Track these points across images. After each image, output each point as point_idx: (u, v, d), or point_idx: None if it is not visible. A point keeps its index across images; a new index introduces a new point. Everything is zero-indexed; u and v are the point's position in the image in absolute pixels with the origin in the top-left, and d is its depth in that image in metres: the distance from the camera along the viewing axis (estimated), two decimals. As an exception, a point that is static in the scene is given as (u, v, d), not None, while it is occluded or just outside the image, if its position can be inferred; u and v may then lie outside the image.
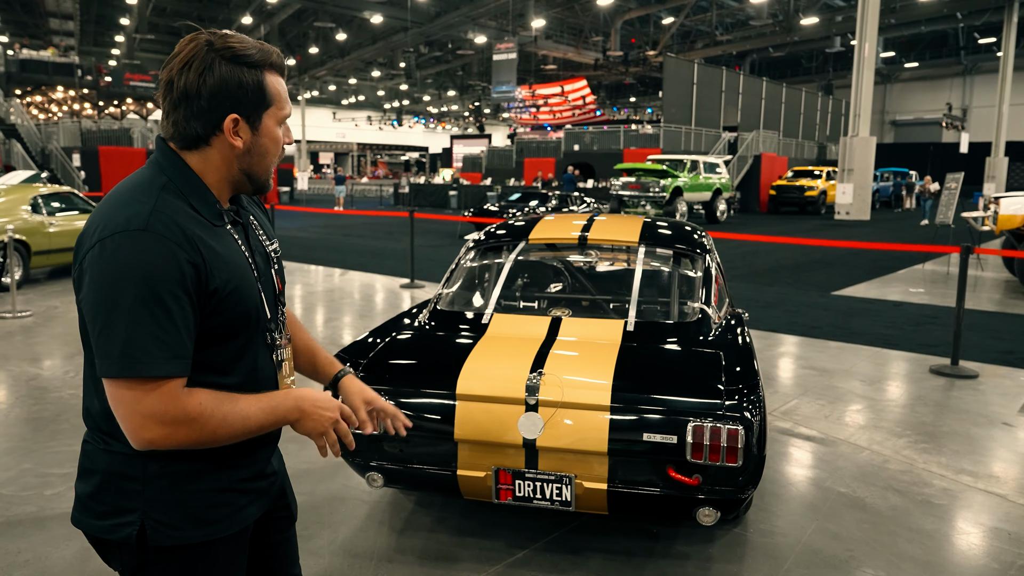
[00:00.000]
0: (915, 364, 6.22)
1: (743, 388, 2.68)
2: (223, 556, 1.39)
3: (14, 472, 3.84)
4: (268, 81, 1.34)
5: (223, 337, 1.32)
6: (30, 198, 9.48)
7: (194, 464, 1.33)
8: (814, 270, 12.01)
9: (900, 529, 3.33)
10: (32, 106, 39.28)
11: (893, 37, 40.25)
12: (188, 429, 1.22)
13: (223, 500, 1.37)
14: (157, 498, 1.31)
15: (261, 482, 1.46)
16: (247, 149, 1.35)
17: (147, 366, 1.18)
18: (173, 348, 1.20)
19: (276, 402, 1.34)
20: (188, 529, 1.33)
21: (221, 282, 1.28)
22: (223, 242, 1.33)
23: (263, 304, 1.40)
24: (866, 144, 22.65)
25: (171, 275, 1.20)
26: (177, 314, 1.21)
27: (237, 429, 1.28)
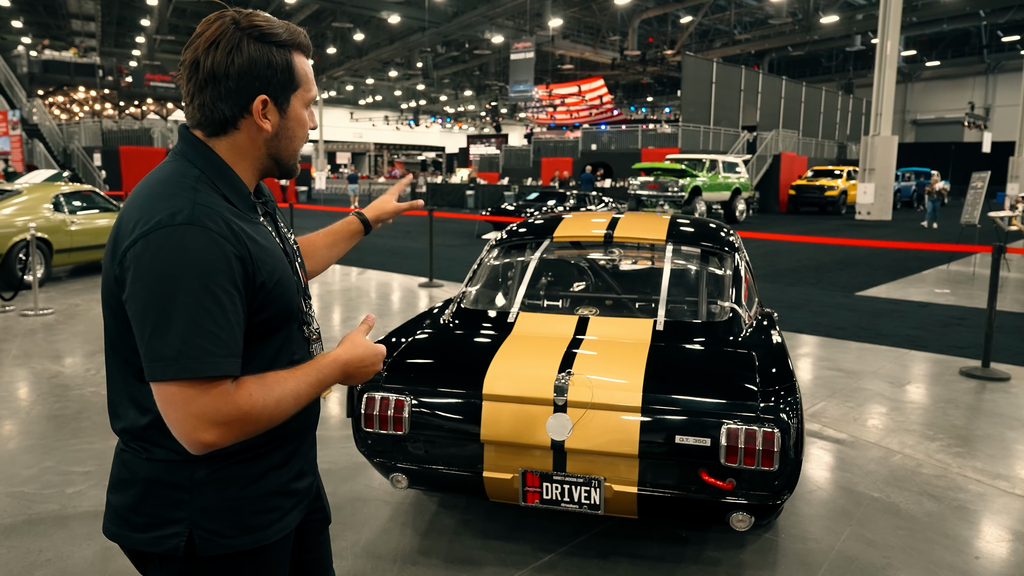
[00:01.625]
0: (944, 366, 6.09)
1: (779, 389, 2.61)
2: (270, 562, 1.35)
3: (36, 470, 3.83)
4: (296, 62, 1.30)
5: (269, 332, 1.29)
6: (52, 197, 9.53)
7: (240, 468, 1.28)
8: (837, 270, 11.85)
9: (937, 536, 3.24)
10: (54, 106, 39.67)
11: (914, 36, 39.76)
12: (243, 423, 1.16)
13: (272, 505, 1.33)
14: (206, 506, 1.25)
15: (302, 483, 1.42)
16: (276, 132, 1.31)
17: (207, 366, 1.12)
18: (229, 346, 1.15)
19: (324, 374, 1.28)
20: (239, 536, 1.28)
21: (267, 275, 1.24)
22: (262, 234, 1.29)
23: (299, 295, 1.36)
24: (887, 143, 22.38)
25: (221, 269, 1.15)
26: (230, 310, 1.16)
27: (291, 411, 1.23)
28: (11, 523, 3.25)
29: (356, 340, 1.34)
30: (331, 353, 1.32)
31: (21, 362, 5.87)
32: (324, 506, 1.58)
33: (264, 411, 1.18)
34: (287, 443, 1.35)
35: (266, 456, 1.32)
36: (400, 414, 2.76)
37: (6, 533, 3.16)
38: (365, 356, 1.32)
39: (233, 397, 1.15)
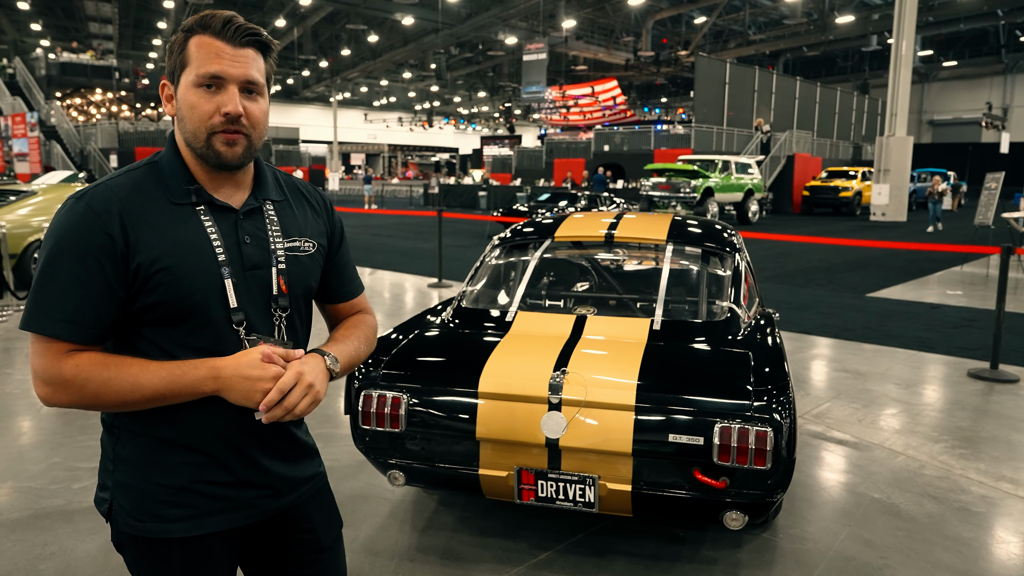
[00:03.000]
0: (953, 368, 6.05)
1: (772, 389, 2.61)
2: (179, 558, 1.34)
3: (43, 465, 3.89)
4: (191, 42, 1.29)
5: (165, 319, 1.29)
6: (67, 197, 9.65)
7: (155, 454, 1.32)
8: (848, 271, 11.78)
9: (936, 537, 3.22)
10: (72, 108, 40.13)
11: (931, 35, 39.45)
12: (65, 391, 1.23)
13: (183, 500, 1.33)
14: (121, 482, 1.34)
15: (238, 491, 1.38)
16: (177, 115, 1.32)
17: (38, 324, 1.22)
18: (66, 311, 1.22)
19: (183, 370, 1.24)
20: (145, 521, 1.32)
21: (148, 258, 1.25)
22: (174, 221, 1.29)
23: (224, 295, 1.31)
24: (903, 144, 22.21)
25: (81, 242, 1.22)
26: (83, 280, 1.22)
27: (126, 396, 1.23)
28: (18, 517, 3.31)
29: (244, 357, 1.27)
30: (212, 359, 1.27)
31: (33, 360, 5.95)
32: (315, 528, 1.51)
33: (88, 384, 1.23)
34: (210, 443, 1.33)
35: (185, 450, 1.33)
36: (397, 411, 2.78)
37: (12, 527, 3.22)
38: (245, 366, 1.25)
39: (60, 361, 1.23)
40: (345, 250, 1.59)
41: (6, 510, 3.39)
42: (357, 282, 1.64)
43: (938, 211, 19.50)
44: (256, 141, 1.33)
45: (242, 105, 1.28)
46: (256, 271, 1.35)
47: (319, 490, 1.54)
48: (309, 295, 1.48)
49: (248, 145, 1.32)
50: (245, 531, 1.44)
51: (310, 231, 1.46)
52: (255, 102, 1.31)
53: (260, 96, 1.33)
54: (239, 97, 1.28)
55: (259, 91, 1.32)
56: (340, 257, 1.57)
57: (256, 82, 1.31)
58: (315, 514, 1.52)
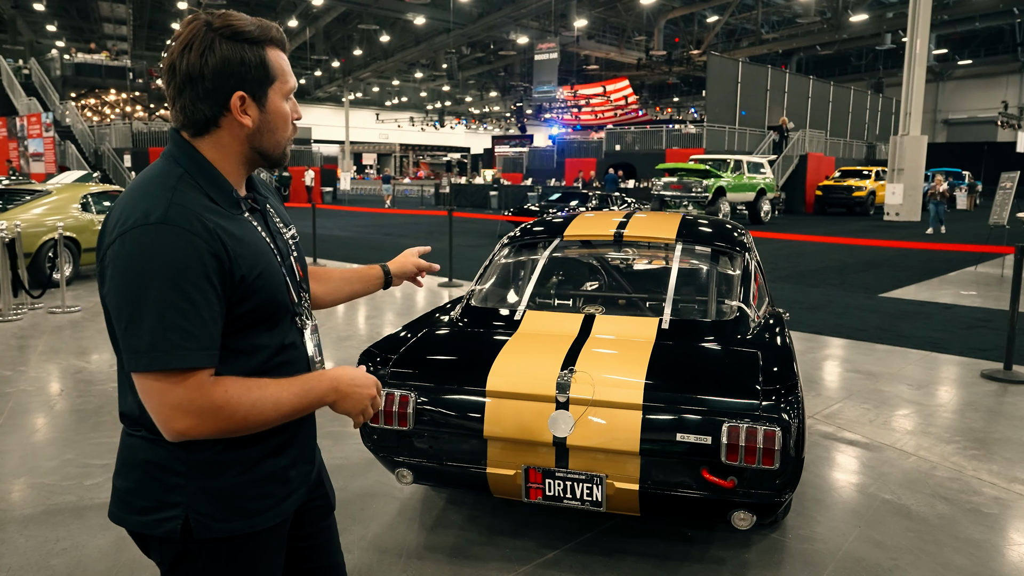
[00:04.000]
0: (966, 368, 6.00)
1: (781, 388, 2.60)
2: (265, 547, 1.38)
3: (56, 462, 3.92)
4: (270, 56, 1.32)
5: (254, 323, 1.32)
6: (80, 197, 9.73)
7: (235, 453, 1.32)
8: (861, 271, 11.71)
9: (947, 538, 3.20)
10: (86, 108, 40.44)
11: (946, 34, 39.16)
12: (216, 418, 1.21)
13: (266, 491, 1.36)
14: (200, 490, 1.29)
15: (299, 470, 1.45)
16: (257, 127, 1.34)
17: (175, 358, 1.17)
18: (200, 340, 1.19)
19: (309, 385, 1.32)
20: (232, 521, 1.32)
21: (247, 269, 1.28)
22: (243, 229, 1.32)
23: (288, 289, 1.40)
24: (917, 143, 22.05)
25: (193, 266, 1.19)
26: (202, 305, 1.19)
27: (269, 415, 1.26)
28: (31, 513, 3.34)
29: (349, 368, 1.39)
30: (328, 372, 1.38)
31: (48, 358, 6.01)
32: (327, 493, 1.61)
33: (239, 408, 1.23)
34: (281, 431, 1.37)
35: (260, 443, 1.34)
36: (405, 410, 2.79)
37: (25, 523, 3.25)
38: (358, 378, 1.37)
39: (208, 390, 1.21)
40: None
41: (19, 506, 3.42)
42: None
43: (940, 212, 18.48)
44: None
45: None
46: (286, 261, 1.43)
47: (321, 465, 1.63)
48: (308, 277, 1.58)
49: None
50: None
51: (285, 218, 1.54)
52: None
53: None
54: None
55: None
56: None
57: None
58: (325, 478, 1.62)
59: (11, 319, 7.38)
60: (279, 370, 1.35)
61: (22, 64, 31.03)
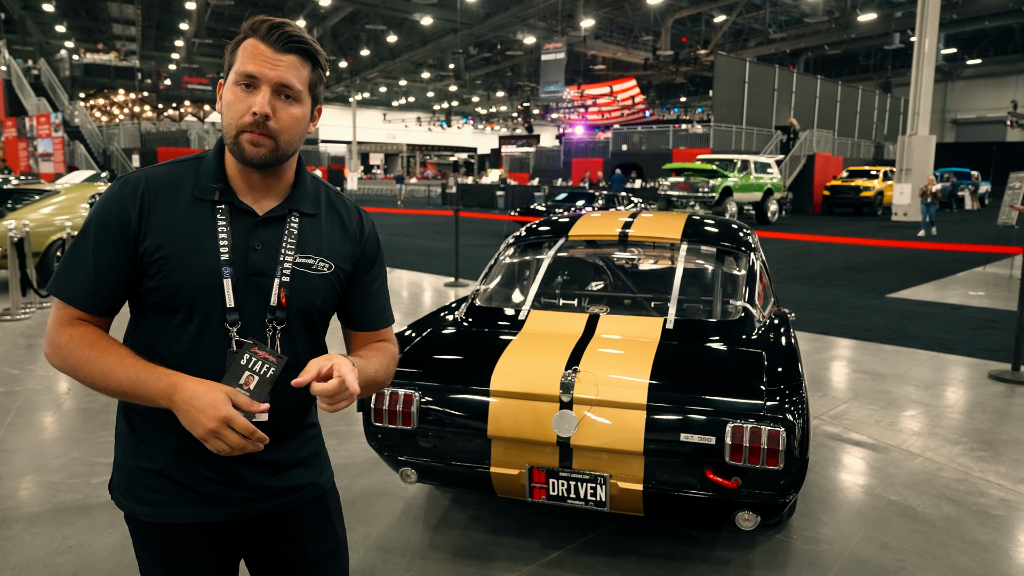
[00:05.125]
0: (974, 369, 5.97)
1: (785, 389, 2.59)
2: (156, 541, 1.37)
3: (63, 460, 3.94)
4: (242, 45, 1.32)
5: (162, 306, 1.33)
6: (88, 196, 9.77)
7: (139, 433, 1.38)
8: (869, 272, 11.67)
9: (953, 540, 3.19)
10: (95, 109, 40.63)
11: (955, 33, 38.95)
12: (56, 355, 1.30)
13: (155, 483, 1.37)
14: (117, 459, 1.39)
15: (213, 486, 1.38)
16: (222, 111, 1.35)
17: (57, 288, 1.32)
18: (78, 280, 1.31)
19: (148, 375, 1.25)
20: (128, 499, 1.38)
21: (152, 244, 1.31)
22: (189, 216, 1.33)
23: (221, 294, 1.31)
24: (925, 143, 21.97)
25: (106, 218, 1.31)
26: (94, 252, 1.30)
27: (96, 379, 1.27)
28: (38, 511, 3.36)
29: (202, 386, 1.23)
30: (179, 376, 1.26)
31: (55, 357, 6.04)
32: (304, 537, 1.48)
33: (71, 357, 1.29)
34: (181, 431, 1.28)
35: (164, 432, 1.35)
36: (409, 409, 2.80)
37: (32, 520, 3.26)
38: (197, 397, 1.21)
39: (62, 327, 1.31)
40: (376, 277, 1.54)
41: (26, 504, 3.44)
42: (387, 314, 1.58)
43: (932, 213, 17.84)
44: (284, 145, 1.32)
45: (272, 107, 1.29)
46: (258, 278, 1.34)
47: (313, 501, 1.50)
48: (312, 315, 1.42)
49: (274, 147, 1.31)
50: (227, 528, 1.43)
51: (329, 251, 1.43)
52: (288, 106, 1.31)
53: (296, 102, 1.32)
54: (271, 99, 1.29)
55: (295, 96, 1.31)
56: (369, 284, 1.52)
57: (291, 87, 1.30)
58: (302, 524, 1.48)
59: (19, 318, 7.42)
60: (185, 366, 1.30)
61: (32, 64, 31.20)
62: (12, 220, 8.08)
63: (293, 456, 1.46)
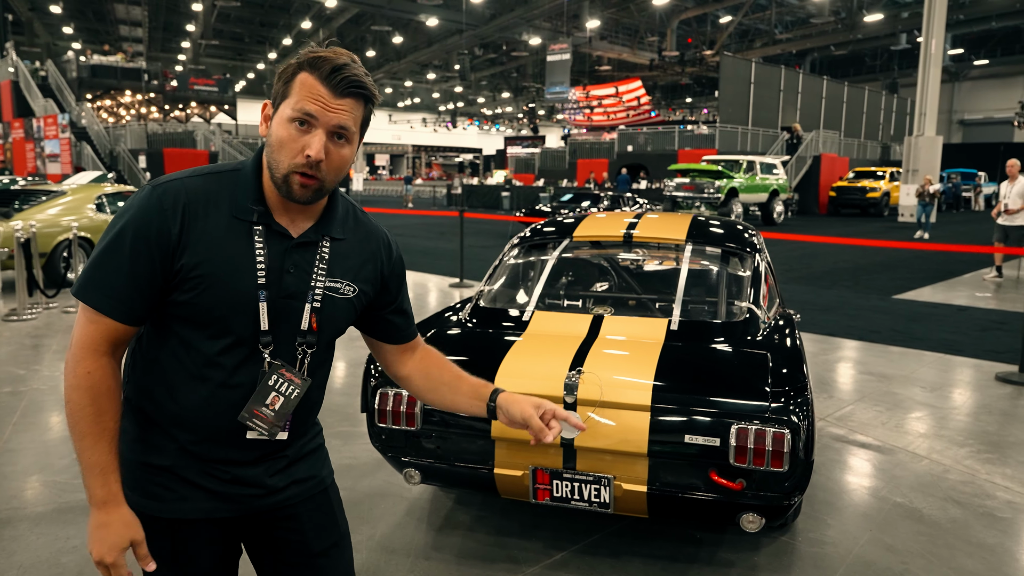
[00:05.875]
0: (980, 371, 5.95)
1: (790, 390, 2.58)
2: (164, 536, 1.37)
3: (68, 460, 3.95)
4: (299, 77, 1.30)
5: (191, 320, 1.32)
6: (95, 197, 9.81)
7: (146, 430, 1.37)
8: (875, 273, 11.63)
9: (959, 542, 3.17)
10: (102, 110, 40.76)
11: (962, 34, 38.84)
12: (69, 376, 1.28)
13: (163, 480, 1.37)
14: (123, 456, 1.35)
15: (220, 483, 1.39)
16: (269, 136, 1.34)
17: (90, 295, 1.28)
18: (114, 289, 1.27)
19: (101, 473, 1.28)
20: (134, 495, 1.36)
21: (191, 262, 1.29)
22: (229, 235, 1.32)
23: (255, 316, 1.33)
24: (932, 144, 21.90)
25: (142, 227, 1.28)
26: (131, 262, 1.27)
27: (73, 429, 1.28)
28: (43, 511, 3.37)
29: (119, 518, 1.29)
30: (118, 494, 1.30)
31: (62, 357, 6.06)
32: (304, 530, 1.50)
33: (73, 393, 1.28)
34: (193, 428, 1.35)
35: (172, 429, 1.36)
36: (412, 410, 2.79)
37: (37, 520, 3.27)
38: (109, 525, 1.28)
39: (88, 356, 1.28)
40: (403, 297, 1.60)
41: (31, 504, 3.45)
42: (415, 326, 1.66)
43: (927, 214, 17.23)
44: (330, 184, 1.34)
45: (326, 149, 1.30)
46: (291, 301, 1.37)
47: (316, 494, 1.53)
48: (337, 336, 1.48)
49: (320, 188, 1.32)
50: (231, 523, 1.45)
51: (355, 275, 1.46)
52: (340, 148, 1.32)
53: (348, 143, 1.34)
54: (325, 141, 1.29)
55: (348, 138, 1.33)
56: (402, 301, 1.59)
57: (347, 129, 1.31)
58: (305, 516, 1.50)
59: (26, 318, 7.45)
60: (199, 381, 1.33)
61: (39, 66, 31.31)
62: (19, 221, 8.11)
63: (299, 452, 1.50)
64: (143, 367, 1.38)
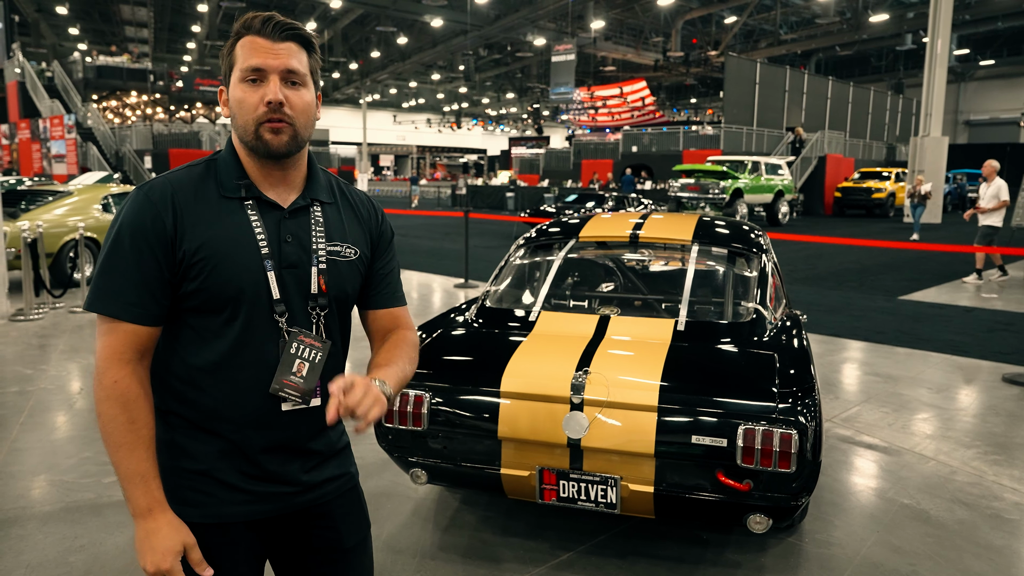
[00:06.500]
0: (987, 372, 5.93)
1: (798, 391, 2.58)
2: (202, 543, 1.36)
3: (75, 460, 3.97)
4: (239, 45, 1.34)
5: (205, 307, 1.33)
6: (101, 198, 9.84)
7: (181, 436, 1.36)
8: (880, 273, 11.60)
9: (967, 544, 3.16)
10: (107, 110, 40.90)
11: (968, 34, 38.68)
12: (99, 390, 1.29)
13: (201, 485, 1.36)
14: (161, 463, 1.34)
15: (258, 484, 1.40)
16: (232, 117, 1.37)
17: (99, 303, 1.29)
18: (129, 295, 1.28)
19: (141, 482, 1.28)
20: (171, 503, 1.34)
21: (192, 247, 1.31)
22: (222, 215, 1.34)
23: (266, 287, 1.35)
24: (938, 144, 21.83)
25: (140, 229, 1.29)
26: (135, 263, 1.28)
27: (107, 446, 1.28)
28: (50, 510, 3.38)
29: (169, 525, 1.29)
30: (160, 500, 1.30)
31: (68, 357, 6.08)
32: (337, 527, 1.50)
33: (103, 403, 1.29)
34: (230, 431, 1.36)
35: (206, 434, 1.36)
36: (419, 410, 2.80)
37: (44, 520, 3.28)
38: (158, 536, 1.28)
39: (113, 365, 1.29)
40: (392, 259, 1.60)
41: (39, 503, 3.46)
42: (400, 294, 1.62)
43: (917, 216, 16.51)
44: (302, 130, 1.36)
45: (284, 94, 1.32)
46: (293, 270, 1.38)
47: (348, 491, 1.54)
48: (346, 300, 1.49)
49: (294, 134, 1.34)
50: (267, 523, 1.45)
51: (353, 238, 1.49)
52: (297, 91, 1.35)
53: (303, 87, 1.36)
54: (280, 86, 1.32)
55: (301, 81, 1.35)
56: (386, 265, 1.58)
57: (297, 71, 1.34)
58: (338, 514, 1.51)
59: (33, 318, 7.47)
60: (229, 366, 1.34)
61: (45, 67, 31.43)
62: (26, 221, 8.13)
63: (332, 447, 1.51)
64: (165, 373, 1.37)
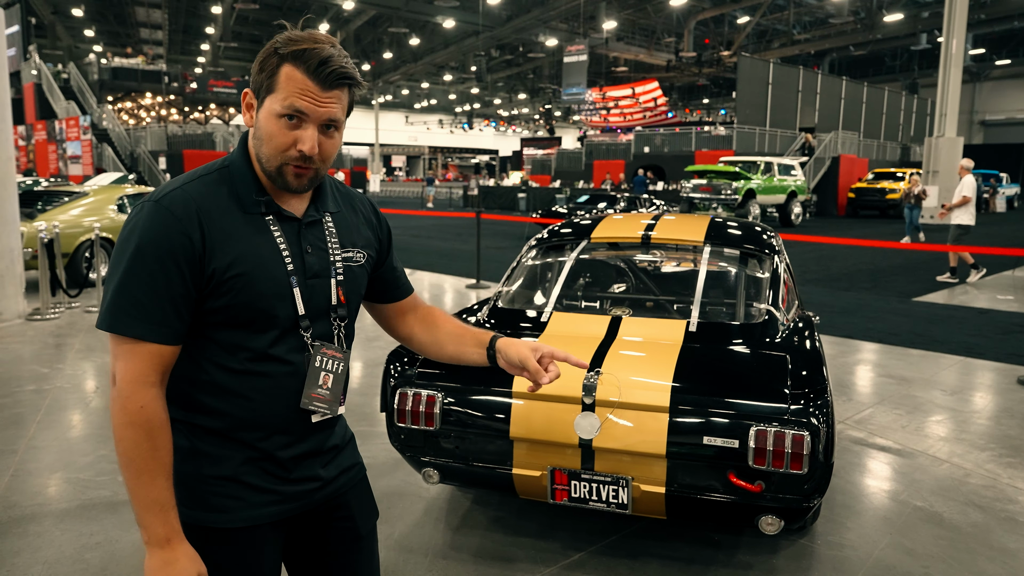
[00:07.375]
0: (1002, 374, 5.88)
1: (810, 393, 2.57)
2: (230, 548, 1.36)
3: (91, 457, 4.01)
4: (283, 70, 1.29)
5: (232, 322, 1.32)
6: (116, 198, 9.92)
7: (205, 444, 1.35)
8: (894, 275, 11.53)
9: (980, 547, 3.14)
10: (122, 112, 41.23)
11: (983, 33, 38.39)
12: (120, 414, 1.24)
13: (228, 490, 1.35)
14: (178, 470, 1.33)
15: (285, 484, 1.40)
16: (255, 130, 1.34)
17: (121, 324, 1.24)
18: (150, 313, 1.24)
19: (156, 511, 1.24)
20: (195, 510, 1.34)
21: (223, 264, 1.28)
22: (248, 230, 1.33)
23: (293, 302, 1.36)
24: (952, 145, 21.66)
25: (162, 245, 1.24)
26: (161, 282, 1.24)
27: (126, 471, 1.25)
28: (66, 507, 3.42)
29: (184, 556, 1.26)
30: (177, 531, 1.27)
31: (84, 356, 6.14)
32: (353, 516, 1.53)
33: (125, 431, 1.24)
34: (254, 436, 1.36)
35: (232, 442, 1.35)
36: (431, 410, 2.81)
37: (61, 517, 3.32)
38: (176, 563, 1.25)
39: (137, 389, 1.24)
40: (394, 253, 1.66)
41: (55, 500, 3.50)
42: (408, 283, 1.71)
43: (915, 218, 15.26)
44: (323, 171, 1.36)
45: (318, 142, 1.31)
46: (317, 279, 1.39)
47: (359, 480, 1.58)
48: (358, 306, 1.53)
49: (314, 176, 1.34)
50: (290, 521, 1.46)
51: (361, 242, 1.51)
52: (331, 138, 1.34)
53: (337, 131, 1.35)
54: (317, 134, 1.30)
55: (337, 127, 1.34)
56: (393, 259, 1.64)
57: (337, 119, 1.32)
58: (354, 503, 1.55)
59: (49, 318, 7.55)
60: (255, 378, 1.34)
61: (61, 68, 31.71)
62: (42, 221, 8.22)
63: (342, 440, 1.54)
64: (188, 386, 1.35)
